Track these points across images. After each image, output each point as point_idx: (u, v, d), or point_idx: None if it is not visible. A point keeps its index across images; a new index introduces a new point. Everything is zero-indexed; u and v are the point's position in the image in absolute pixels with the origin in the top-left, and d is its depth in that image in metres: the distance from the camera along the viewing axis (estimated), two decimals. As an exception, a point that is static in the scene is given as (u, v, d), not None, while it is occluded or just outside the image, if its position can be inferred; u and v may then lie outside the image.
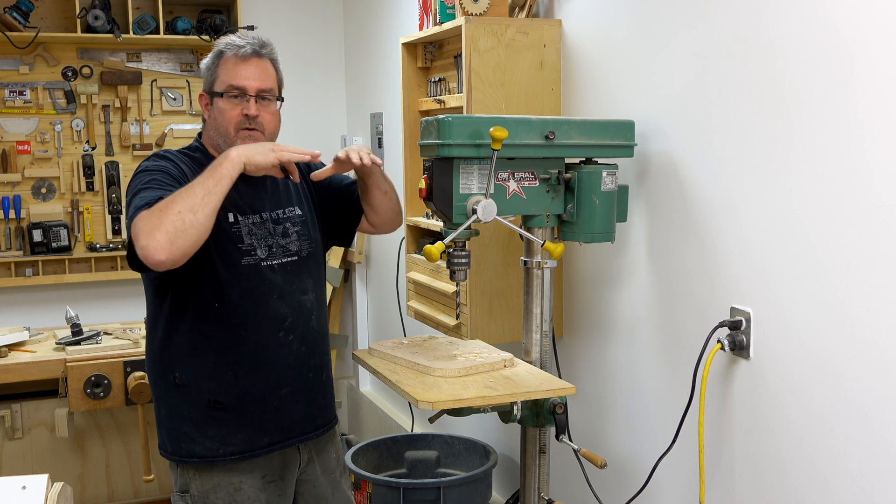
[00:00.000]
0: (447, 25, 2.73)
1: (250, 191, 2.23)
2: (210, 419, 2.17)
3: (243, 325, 2.16)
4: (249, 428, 2.18)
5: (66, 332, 3.79)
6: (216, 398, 2.16)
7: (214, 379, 2.16)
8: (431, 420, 2.21)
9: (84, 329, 3.76)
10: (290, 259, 2.23)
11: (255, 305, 2.16)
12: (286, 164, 2.05)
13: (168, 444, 2.22)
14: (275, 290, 2.19)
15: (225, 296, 2.14)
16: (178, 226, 1.87)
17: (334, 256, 4.52)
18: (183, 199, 1.90)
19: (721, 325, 2.04)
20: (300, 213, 2.30)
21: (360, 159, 2.14)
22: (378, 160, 2.19)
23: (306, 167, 2.39)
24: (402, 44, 3.11)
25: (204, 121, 2.27)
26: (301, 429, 2.26)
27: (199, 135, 2.30)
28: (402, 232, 3.16)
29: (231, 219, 2.15)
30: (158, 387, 2.23)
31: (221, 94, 2.16)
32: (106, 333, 3.81)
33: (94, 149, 4.27)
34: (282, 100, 2.24)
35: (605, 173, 2.25)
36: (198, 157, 2.21)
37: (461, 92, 2.75)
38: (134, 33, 4.09)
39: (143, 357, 3.50)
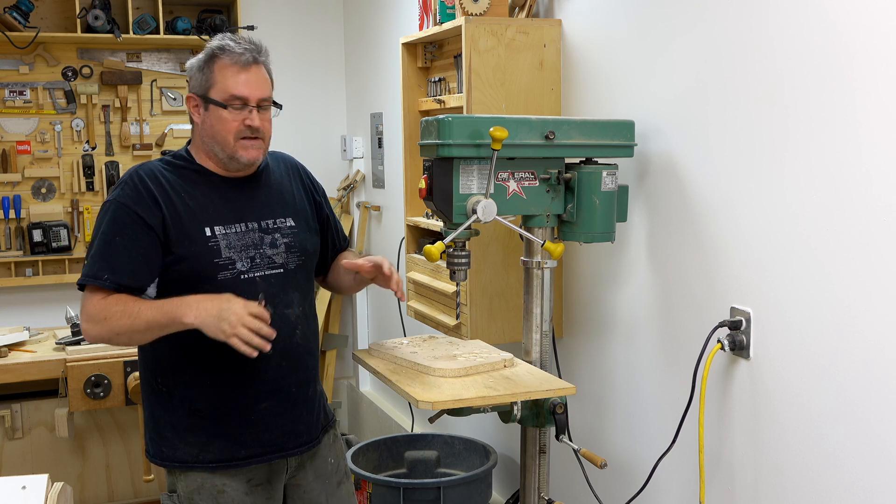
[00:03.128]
0: (447, 25, 2.73)
1: (241, 197, 2.18)
2: (190, 426, 2.15)
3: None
4: (227, 439, 2.16)
5: (66, 332, 3.78)
6: (196, 406, 2.15)
7: (194, 388, 2.15)
8: (431, 420, 2.21)
9: (84, 329, 3.75)
10: (274, 272, 2.17)
11: None
12: (234, 346, 1.96)
13: (150, 447, 2.22)
14: None
15: None
16: (111, 336, 2.06)
17: (334, 256, 4.52)
18: (126, 323, 2.01)
19: (721, 325, 2.04)
20: (293, 224, 2.24)
21: (390, 275, 2.19)
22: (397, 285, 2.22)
23: (309, 182, 2.36)
24: (402, 44, 3.11)
25: (193, 123, 2.19)
26: (282, 444, 2.21)
27: (189, 141, 2.23)
28: (402, 232, 3.17)
29: (208, 233, 2.11)
30: (144, 391, 2.23)
31: (223, 105, 2.10)
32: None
33: (94, 149, 4.26)
34: (280, 107, 2.20)
35: (605, 173, 2.25)
36: (182, 167, 2.16)
37: (461, 92, 2.75)
38: (134, 33, 4.09)
39: (143, 357, 3.52)
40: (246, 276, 2.13)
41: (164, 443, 2.18)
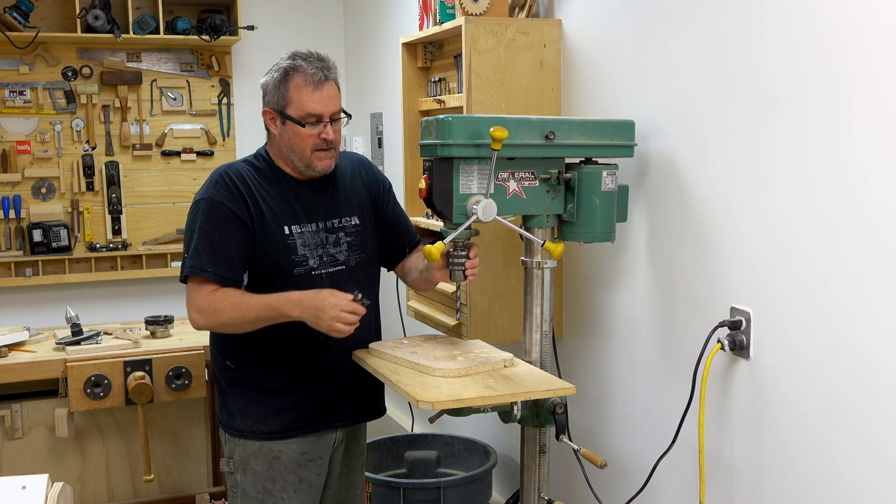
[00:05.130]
0: (447, 25, 2.73)
1: (312, 198, 2.36)
2: (251, 399, 2.36)
3: (286, 326, 2.26)
4: (284, 413, 2.35)
5: (66, 332, 3.78)
6: (257, 383, 2.36)
7: (258, 367, 2.36)
8: (431, 420, 2.21)
9: (84, 329, 3.75)
10: (337, 268, 2.37)
11: None
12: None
13: (219, 414, 2.46)
14: None
15: None
16: (219, 327, 2.29)
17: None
18: (237, 317, 2.22)
19: (721, 325, 2.04)
20: (357, 222, 2.42)
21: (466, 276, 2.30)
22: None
23: (370, 176, 2.50)
24: (402, 44, 3.11)
25: (268, 131, 2.36)
26: (328, 418, 2.41)
27: (266, 143, 2.40)
28: (402, 232, 3.16)
29: (287, 231, 2.30)
30: (214, 366, 2.46)
31: (299, 122, 2.25)
32: (106, 333, 3.80)
33: (94, 149, 4.26)
34: (349, 116, 2.36)
35: (605, 173, 2.25)
36: (263, 169, 2.35)
37: (461, 92, 2.75)
38: (134, 33, 4.09)
39: (143, 357, 3.52)
40: (316, 272, 2.34)
41: (226, 411, 2.41)
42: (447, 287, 2.84)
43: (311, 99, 2.25)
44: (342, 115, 2.33)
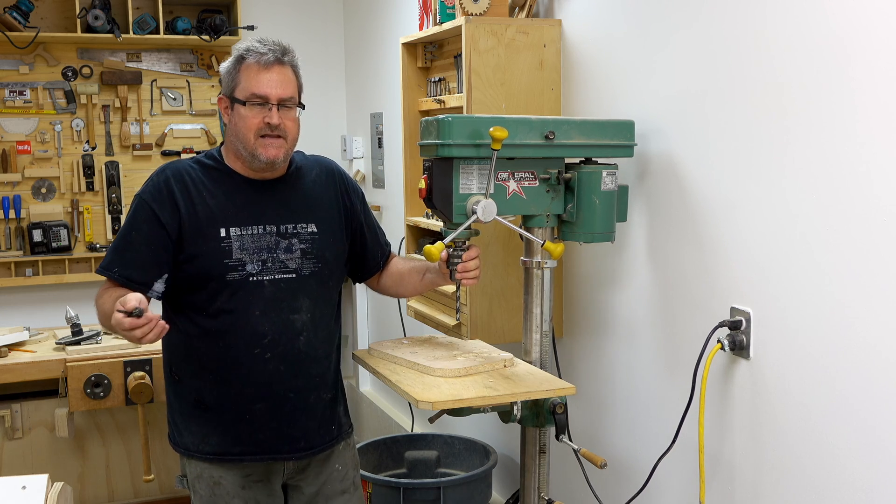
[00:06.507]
0: (447, 25, 2.73)
1: (263, 200, 2.21)
2: (194, 416, 2.23)
3: (222, 336, 2.16)
4: (223, 433, 2.21)
5: (66, 332, 3.78)
6: (199, 397, 2.22)
7: (199, 380, 2.21)
8: (431, 420, 2.21)
9: (84, 329, 3.75)
10: (286, 276, 2.19)
11: (235, 319, 2.15)
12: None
13: (169, 429, 2.32)
14: (258, 306, 2.16)
15: (210, 306, 2.16)
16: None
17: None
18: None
19: (721, 325, 2.04)
20: (314, 230, 2.24)
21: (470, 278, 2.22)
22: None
23: (344, 186, 2.35)
24: (402, 44, 3.11)
25: (224, 125, 2.25)
26: (277, 447, 2.23)
27: (223, 142, 2.28)
28: (402, 232, 3.17)
29: (223, 233, 2.15)
30: (165, 377, 2.33)
31: (244, 102, 2.13)
32: (106, 333, 3.80)
33: (94, 149, 4.26)
34: (302, 106, 2.21)
35: (605, 173, 2.25)
36: (211, 167, 2.22)
37: (461, 92, 2.75)
38: (134, 33, 4.09)
39: (143, 357, 3.53)
40: (255, 278, 2.16)
41: (174, 428, 2.28)
42: (447, 287, 2.84)
43: (256, 79, 2.11)
44: (294, 104, 2.17)
